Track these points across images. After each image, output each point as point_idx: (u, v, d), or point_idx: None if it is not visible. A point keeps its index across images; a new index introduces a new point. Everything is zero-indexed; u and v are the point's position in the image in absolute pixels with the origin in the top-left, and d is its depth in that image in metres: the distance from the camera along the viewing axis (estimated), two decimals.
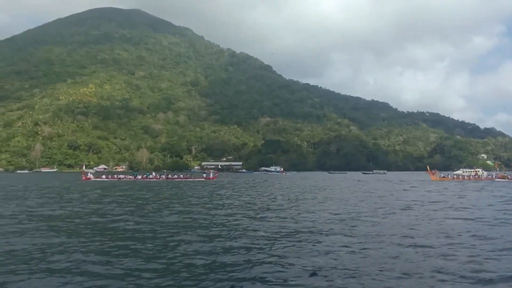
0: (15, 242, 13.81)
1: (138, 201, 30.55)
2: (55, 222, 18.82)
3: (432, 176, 76.14)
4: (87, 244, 13.65)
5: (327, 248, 12.71)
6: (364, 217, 20.31)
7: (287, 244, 13.30)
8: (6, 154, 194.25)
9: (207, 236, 15.08)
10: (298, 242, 13.74)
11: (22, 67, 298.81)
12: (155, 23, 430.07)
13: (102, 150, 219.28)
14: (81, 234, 15.73)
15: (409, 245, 13.33)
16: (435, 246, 13.24)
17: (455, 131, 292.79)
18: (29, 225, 17.73)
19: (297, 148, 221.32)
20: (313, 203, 28.47)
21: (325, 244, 13.41)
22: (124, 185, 55.62)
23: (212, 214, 22.01)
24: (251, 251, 12.38)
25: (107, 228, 17.29)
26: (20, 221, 19.14)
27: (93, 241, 14.22)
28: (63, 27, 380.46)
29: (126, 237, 15.15)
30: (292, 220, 19.46)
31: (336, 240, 14.12)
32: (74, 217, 21.04)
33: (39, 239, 14.23)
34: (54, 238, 14.64)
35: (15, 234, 15.21)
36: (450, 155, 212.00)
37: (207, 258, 11.55)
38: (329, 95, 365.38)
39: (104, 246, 13.36)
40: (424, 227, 17.52)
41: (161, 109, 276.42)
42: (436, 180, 71.52)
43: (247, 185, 58.23)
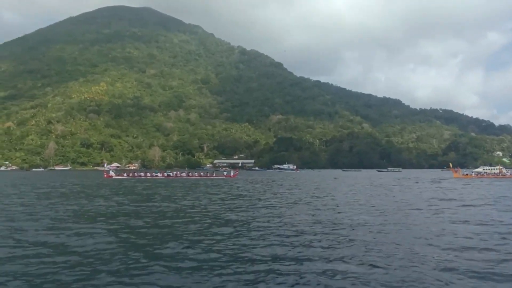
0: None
1: (216, 198, 30.20)
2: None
3: (455, 173, 74.54)
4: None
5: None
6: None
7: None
8: (21, 152, 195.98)
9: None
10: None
11: (35, 66, 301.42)
12: (166, 21, 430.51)
13: (114, 148, 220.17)
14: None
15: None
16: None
17: (469, 128, 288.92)
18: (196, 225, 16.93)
19: (309, 145, 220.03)
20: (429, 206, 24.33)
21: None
22: (156, 183, 54.55)
23: (330, 214, 20.44)
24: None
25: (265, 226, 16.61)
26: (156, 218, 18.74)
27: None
28: (75, 26, 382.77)
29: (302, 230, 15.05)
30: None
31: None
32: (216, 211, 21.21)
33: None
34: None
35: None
36: (465, 152, 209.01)
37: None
38: (341, 92, 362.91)
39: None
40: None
41: (172, 107, 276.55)
42: (460, 178, 69.92)
43: (280, 183, 55.36)
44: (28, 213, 20.07)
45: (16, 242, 12.87)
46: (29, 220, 17.79)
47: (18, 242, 12.86)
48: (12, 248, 11.99)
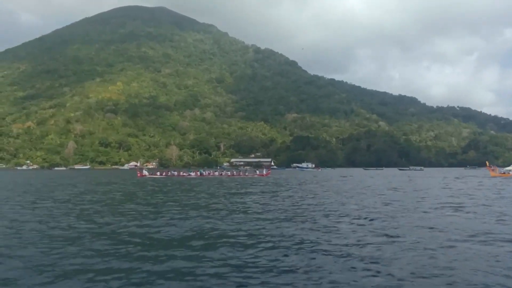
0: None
1: (292, 197, 29.32)
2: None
3: (492, 172, 73.08)
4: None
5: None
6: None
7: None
8: (41, 152, 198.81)
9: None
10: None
11: (52, 66, 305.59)
12: (180, 21, 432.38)
13: (132, 147, 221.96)
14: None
15: None
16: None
17: (488, 126, 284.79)
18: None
19: (326, 144, 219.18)
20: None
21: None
22: (197, 182, 53.69)
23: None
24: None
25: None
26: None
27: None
28: (90, 26, 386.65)
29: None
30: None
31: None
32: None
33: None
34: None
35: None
36: (486, 150, 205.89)
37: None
38: (355, 90, 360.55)
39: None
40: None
41: (188, 106, 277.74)
42: (497, 176, 68.50)
43: (325, 183, 52.01)
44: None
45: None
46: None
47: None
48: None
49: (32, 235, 13.47)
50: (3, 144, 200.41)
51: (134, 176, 74.60)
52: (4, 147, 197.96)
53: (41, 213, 19.12)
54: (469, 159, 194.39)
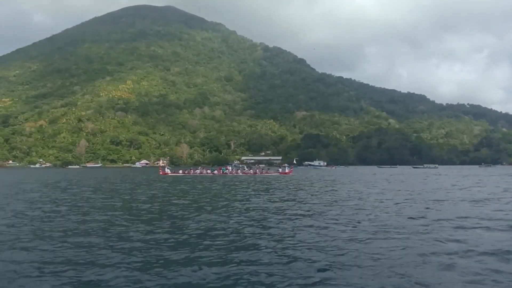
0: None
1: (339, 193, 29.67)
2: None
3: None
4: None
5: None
6: None
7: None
8: (54, 150, 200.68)
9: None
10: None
11: (63, 66, 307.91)
12: (188, 19, 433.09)
13: (142, 145, 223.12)
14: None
15: None
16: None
17: (499, 123, 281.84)
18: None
19: (336, 142, 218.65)
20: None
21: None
22: (223, 180, 53.67)
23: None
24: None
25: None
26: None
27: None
28: (100, 26, 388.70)
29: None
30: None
31: None
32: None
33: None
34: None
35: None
36: (499, 148, 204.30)
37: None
38: (364, 88, 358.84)
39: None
40: None
41: (197, 104, 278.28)
42: None
43: (353, 182, 50.12)
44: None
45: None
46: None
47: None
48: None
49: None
50: (16, 143, 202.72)
51: (152, 173, 75.05)
52: (17, 146, 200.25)
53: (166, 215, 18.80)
54: (482, 157, 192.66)
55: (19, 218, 17.56)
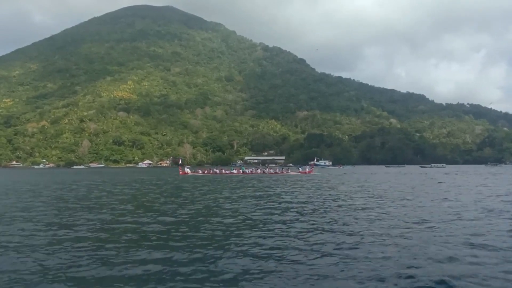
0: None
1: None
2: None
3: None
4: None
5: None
6: None
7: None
8: (56, 150, 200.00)
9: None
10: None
11: (63, 66, 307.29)
12: (188, 20, 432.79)
13: (145, 145, 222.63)
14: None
15: None
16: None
17: (499, 123, 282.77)
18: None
19: (339, 142, 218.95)
20: None
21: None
22: (243, 180, 53.24)
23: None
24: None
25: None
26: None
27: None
28: (100, 26, 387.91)
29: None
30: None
31: None
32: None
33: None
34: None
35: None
36: (502, 147, 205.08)
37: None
38: (363, 88, 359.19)
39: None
40: None
41: (198, 104, 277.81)
42: None
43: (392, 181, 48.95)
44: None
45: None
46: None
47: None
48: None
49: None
50: (19, 143, 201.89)
51: (168, 173, 74.86)
52: (20, 146, 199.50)
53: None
54: (485, 156, 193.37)
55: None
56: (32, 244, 11.81)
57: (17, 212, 19.17)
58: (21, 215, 18.10)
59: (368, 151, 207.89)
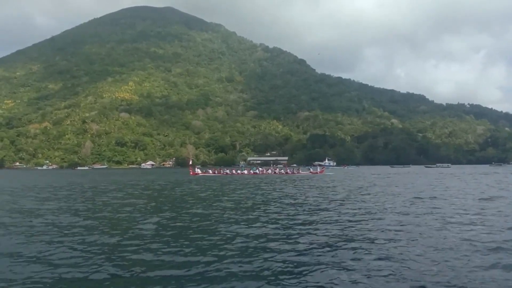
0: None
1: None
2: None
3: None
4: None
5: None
6: None
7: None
8: (59, 152, 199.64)
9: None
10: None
11: (64, 67, 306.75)
12: (188, 21, 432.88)
13: (147, 146, 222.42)
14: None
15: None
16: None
17: (500, 123, 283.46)
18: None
19: (342, 142, 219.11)
20: None
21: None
22: (258, 180, 52.67)
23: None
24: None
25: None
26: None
27: None
28: (100, 27, 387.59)
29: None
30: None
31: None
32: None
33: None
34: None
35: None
36: (505, 147, 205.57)
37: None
38: (364, 88, 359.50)
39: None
40: None
41: (200, 105, 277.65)
42: None
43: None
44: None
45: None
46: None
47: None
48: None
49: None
50: (22, 144, 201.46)
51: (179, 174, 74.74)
52: (23, 147, 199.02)
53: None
54: (488, 156, 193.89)
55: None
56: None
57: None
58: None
59: (371, 151, 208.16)
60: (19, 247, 11.38)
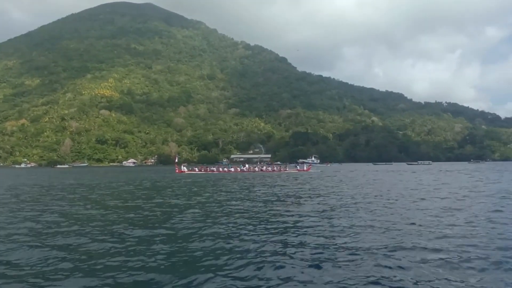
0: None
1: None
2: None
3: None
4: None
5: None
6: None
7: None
8: (38, 149, 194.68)
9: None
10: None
11: (41, 63, 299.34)
12: (168, 17, 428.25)
13: (129, 144, 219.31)
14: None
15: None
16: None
17: (476, 121, 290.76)
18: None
19: (325, 140, 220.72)
20: None
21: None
22: (244, 178, 51.32)
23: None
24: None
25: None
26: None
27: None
28: (78, 22, 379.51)
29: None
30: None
31: None
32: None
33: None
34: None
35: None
36: (483, 145, 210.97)
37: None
38: (343, 87, 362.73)
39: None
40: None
41: (181, 102, 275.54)
42: None
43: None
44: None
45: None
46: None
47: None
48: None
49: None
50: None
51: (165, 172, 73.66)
52: (0, 145, 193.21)
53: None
54: (467, 153, 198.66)
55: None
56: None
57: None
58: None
59: (353, 149, 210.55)
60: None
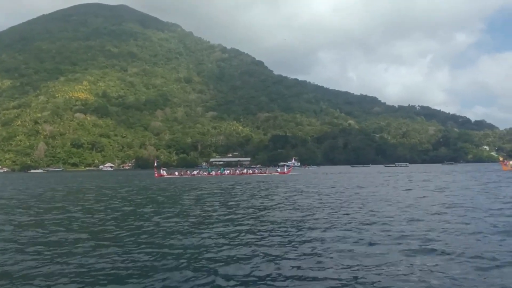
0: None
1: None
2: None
3: (504, 166, 76.52)
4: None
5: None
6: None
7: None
8: (10, 154, 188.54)
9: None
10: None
11: (11, 65, 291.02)
12: (143, 19, 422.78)
13: (105, 148, 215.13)
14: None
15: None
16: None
17: (448, 124, 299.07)
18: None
19: (304, 142, 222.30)
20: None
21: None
22: (230, 181, 51.30)
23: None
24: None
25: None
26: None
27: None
28: (50, 23, 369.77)
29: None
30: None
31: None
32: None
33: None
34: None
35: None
36: (456, 147, 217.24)
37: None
38: (319, 90, 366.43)
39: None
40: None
41: (158, 105, 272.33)
42: (509, 170, 72.01)
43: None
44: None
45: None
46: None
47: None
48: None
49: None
50: None
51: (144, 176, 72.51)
52: None
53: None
54: (441, 155, 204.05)
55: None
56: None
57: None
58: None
59: (332, 151, 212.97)
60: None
